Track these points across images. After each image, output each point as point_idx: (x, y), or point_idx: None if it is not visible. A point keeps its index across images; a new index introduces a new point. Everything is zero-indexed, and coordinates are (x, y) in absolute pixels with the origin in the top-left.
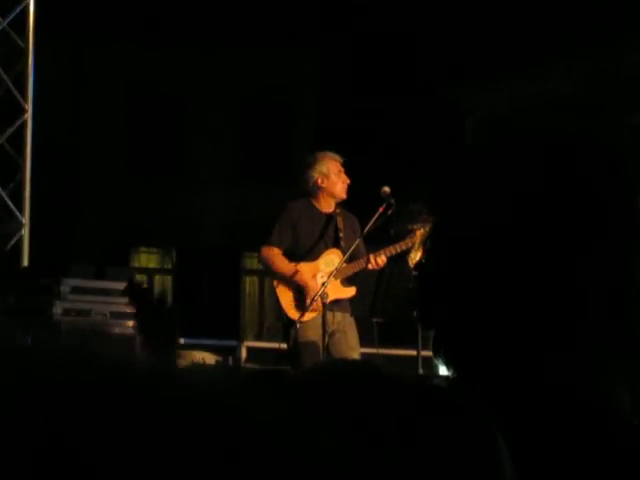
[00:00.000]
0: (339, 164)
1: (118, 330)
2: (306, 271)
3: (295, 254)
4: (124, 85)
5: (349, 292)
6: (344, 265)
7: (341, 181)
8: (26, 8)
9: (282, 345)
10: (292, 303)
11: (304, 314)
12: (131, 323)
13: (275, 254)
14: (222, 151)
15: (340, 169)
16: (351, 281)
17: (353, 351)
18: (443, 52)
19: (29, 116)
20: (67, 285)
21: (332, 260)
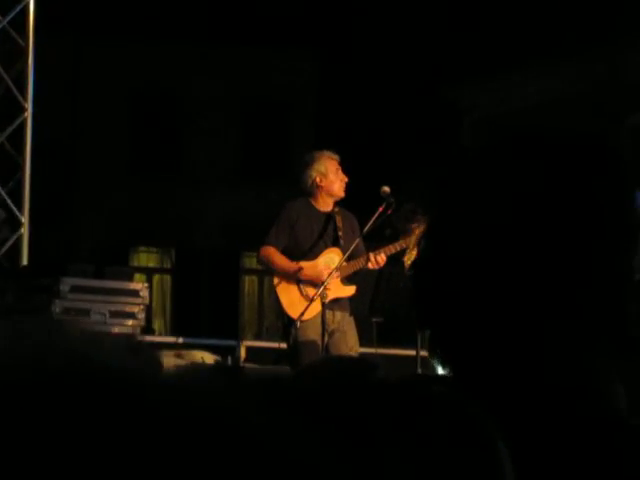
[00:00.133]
0: (336, 162)
1: (118, 329)
2: (308, 267)
3: (295, 253)
4: (124, 85)
5: (349, 291)
6: (344, 264)
7: (339, 179)
8: (26, 7)
9: (281, 345)
10: (292, 302)
11: (304, 312)
12: (131, 322)
13: (273, 253)
14: (222, 151)
15: (338, 167)
16: (351, 280)
17: (352, 351)
18: (441, 52)
19: (29, 115)
20: (66, 284)
21: (332, 259)
